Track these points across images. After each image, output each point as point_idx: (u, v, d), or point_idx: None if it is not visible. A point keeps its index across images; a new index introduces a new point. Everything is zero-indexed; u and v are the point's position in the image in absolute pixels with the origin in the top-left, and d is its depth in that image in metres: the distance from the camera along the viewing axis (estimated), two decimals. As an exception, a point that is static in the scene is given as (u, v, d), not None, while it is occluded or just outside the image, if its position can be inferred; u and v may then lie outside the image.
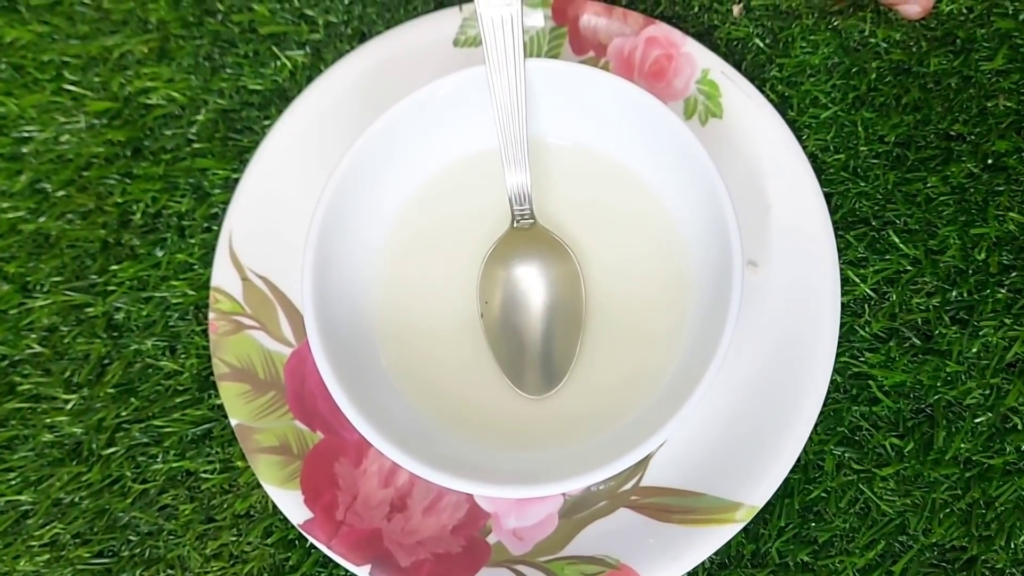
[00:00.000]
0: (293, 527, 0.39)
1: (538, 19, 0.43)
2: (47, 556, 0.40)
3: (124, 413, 0.42)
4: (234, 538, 0.40)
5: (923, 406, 0.39)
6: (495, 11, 0.34)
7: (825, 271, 0.39)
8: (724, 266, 0.35)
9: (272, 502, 0.39)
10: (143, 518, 0.40)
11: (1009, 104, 0.42)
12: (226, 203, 0.43)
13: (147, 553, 0.40)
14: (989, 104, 0.42)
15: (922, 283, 0.40)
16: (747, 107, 0.41)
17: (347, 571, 0.39)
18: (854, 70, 0.43)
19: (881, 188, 0.41)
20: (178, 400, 0.41)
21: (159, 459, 0.41)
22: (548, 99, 0.38)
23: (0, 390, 0.42)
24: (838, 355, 0.39)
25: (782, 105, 0.42)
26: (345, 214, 0.37)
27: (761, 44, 0.44)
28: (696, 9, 0.45)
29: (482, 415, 0.38)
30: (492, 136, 0.37)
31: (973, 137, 0.41)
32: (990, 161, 0.41)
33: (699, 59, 0.42)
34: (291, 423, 0.39)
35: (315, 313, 0.35)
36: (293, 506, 0.38)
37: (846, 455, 0.39)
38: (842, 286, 0.39)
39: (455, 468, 0.34)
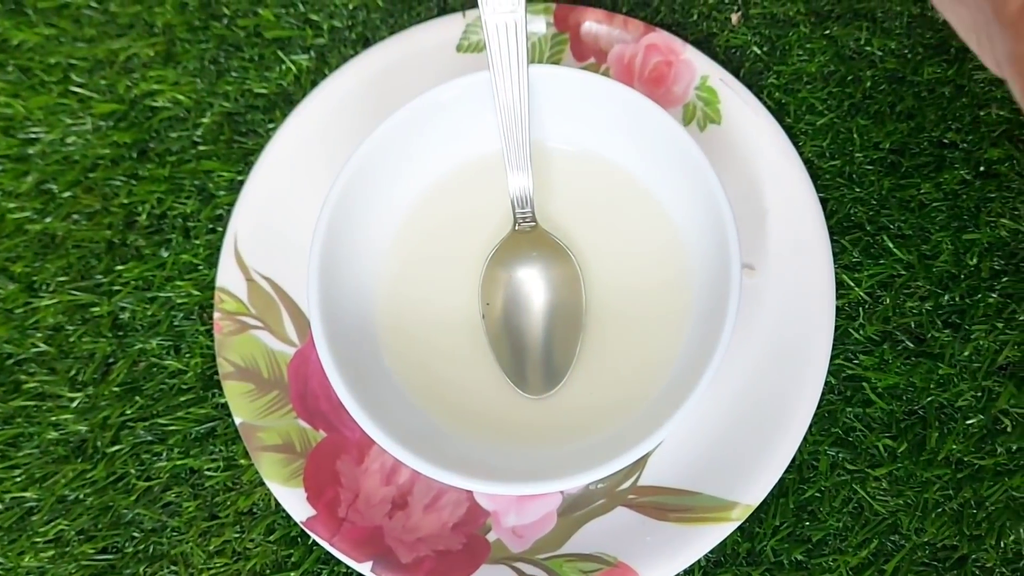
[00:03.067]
0: (295, 524, 0.40)
1: (540, 26, 0.44)
2: (52, 552, 0.41)
3: (129, 411, 0.42)
4: (237, 535, 0.40)
5: (916, 408, 0.40)
6: (499, 18, 0.35)
7: (820, 275, 0.40)
8: (722, 269, 0.35)
9: (275, 499, 0.39)
10: (147, 515, 0.41)
11: (1001, 113, 0.42)
12: (231, 205, 0.43)
13: (151, 550, 0.40)
14: (982, 113, 0.42)
15: (915, 287, 0.41)
16: (745, 113, 0.42)
17: (349, 568, 0.39)
18: (849, 78, 0.44)
19: (875, 194, 0.42)
20: (182, 399, 0.42)
21: (163, 457, 0.41)
22: (550, 104, 0.39)
23: (6, 388, 0.43)
24: (832, 357, 0.40)
25: (779, 112, 0.43)
26: (350, 217, 0.38)
27: (759, 52, 0.45)
28: (695, 17, 0.45)
29: (483, 414, 0.38)
30: (495, 140, 0.38)
31: (966, 145, 0.42)
32: (982, 168, 0.42)
33: (698, 66, 0.43)
34: (294, 422, 0.40)
35: (321, 314, 0.36)
36: (296, 503, 0.38)
37: (840, 455, 0.39)
38: (837, 290, 0.40)
39: (457, 466, 0.34)
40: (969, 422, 0.39)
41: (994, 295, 0.40)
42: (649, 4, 0.46)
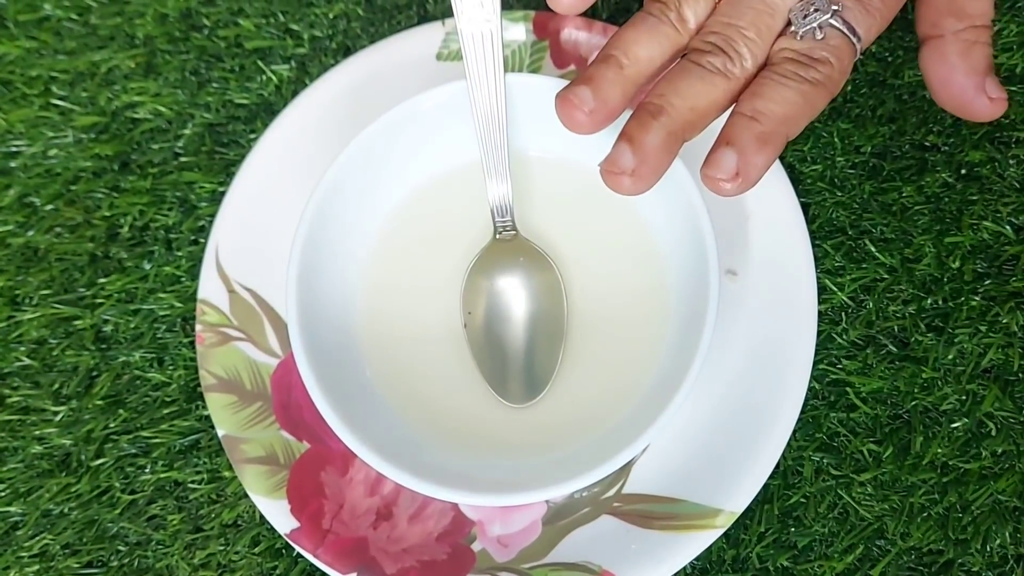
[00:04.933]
0: (280, 536, 0.39)
1: (520, 33, 0.44)
2: (37, 567, 0.40)
3: (112, 424, 0.42)
4: (222, 547, 0.40)
5: (900, 412, 0.40)
6: (475, 26, 0.35)
7: (802, 280, 0.40)
8: (701, 275, 0.35)
9: (259, 512, 0.39)
10: (132, 528, 0.41)
11: (983, 114, 0.42)
12: (213, 216, 0.43)
13: (136, 563, 0.40)
14: (963, 115, 0.42)
15: (898, 291, 0.41)
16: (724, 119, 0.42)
17: (334, 579, 0.39)
18: (831, 82, 0.43)
19: (857, 198, 0.42)
20: (166, 411, 0.42)
21: (147, 470, 0.41)
22: (529, 112, 0.38)
23: (-11, 402, 0.43)
24: (816, 362, 0.40)
25: (760, 116, 0.43)
26: (329, 227, 0.38)
27: (740, 56, 0.44)
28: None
29: (466, 424, 0.38)
30: (474, 149, 0.38)
31: (947, 148, 0.42)
32: (964, 171, 0.42)
33: (678, 72, 0.42)
34: (277, 433, 0.40)
35: (299, 325, 0.36)
36: (280, 516, 0.38)
37: (824, 461, 0.39)
38: (819, 294, 0.40)
39: (439, 477, 0.34)
40: (954, 426, 0.39)
41: (977, 298, 0.40)
42: (628, 11, 0.46)
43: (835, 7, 0.31)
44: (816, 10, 0.31)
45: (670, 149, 0.31)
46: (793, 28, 0.31)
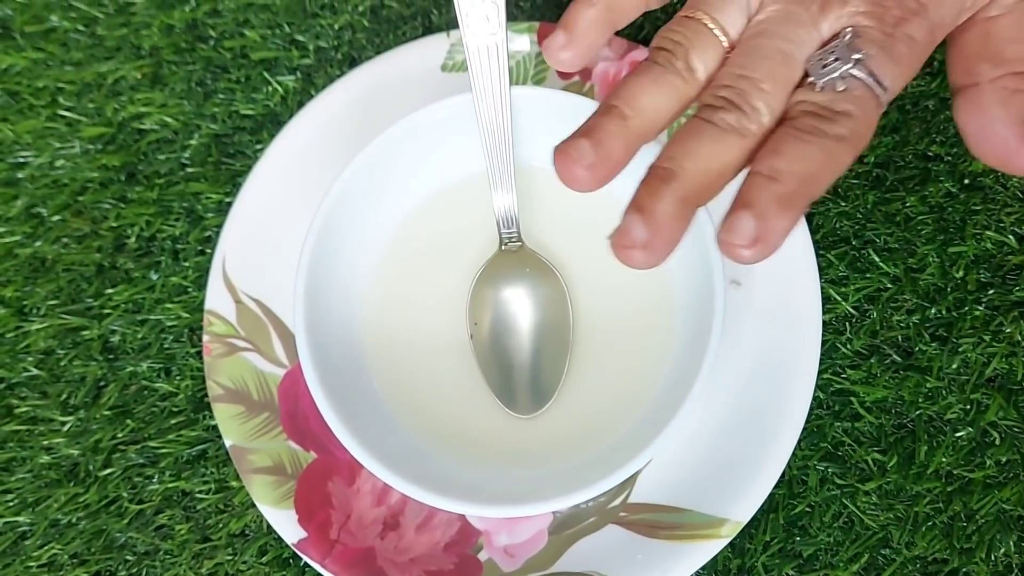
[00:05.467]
0: (288, 546, 0.40)
1: (524, 44, 0.44)
2: (45, 577, 0.41)
3: (120, 434, 0.42)
4: (229, 557, 0.40)
5: (904, 421, 0.40)
6: (481, 39, 0.35)
7: (807, 289, 0.40)
8: (707, 286, 0.35)
9: (267, 522, 0.40)
10: (140, 538, 0.41)
11: (986, 124, 0.42)
12: (219, 227, 0.43)
13: (144, 573, 0.41)
14: (966, 124, 0.43)
15: (902, 301, 0.41)
16: (730, 129, 0.42)
17: (341, 589, 0.39)
18: (834, 92, 0.44)
19: (861, 208, 0.42)
20: (173, 421, 0.42)
21: (155, 480, 0.42)
22: (534, 124, 0.39)
23: (-3, 413, 0.43)
24: (820, 372, 0.40)
25: (764, 126, 0.43)
26: (336, 238, 0.38)
27: (743, 66, 0.45)
28: (679, 32, 0.45)
29: (472, 435, 0.38)
30: (480, 160, 0.38)
31: (950, 158, 0.42)
32: (967, 181, 0.42)
33: (682, 82, 0.43)
34: (285, 443, 0.40)
35: (307, 336, 0.36)
36: (287, 525, 0.39)
37: (829, 470, 0.39)
38: (823, 304, 0.40)
39: (446, 488, 0.34)
40: (958, 435, 0.39)
41: (981, 307, 0.40)
42: (632, 21, 0.46)
43: (856, 56, 0.28)
44: (836, 59, 0.28)
45: (684, 217, 0.28)
46: (812, 79, 0.29)
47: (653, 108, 0.30)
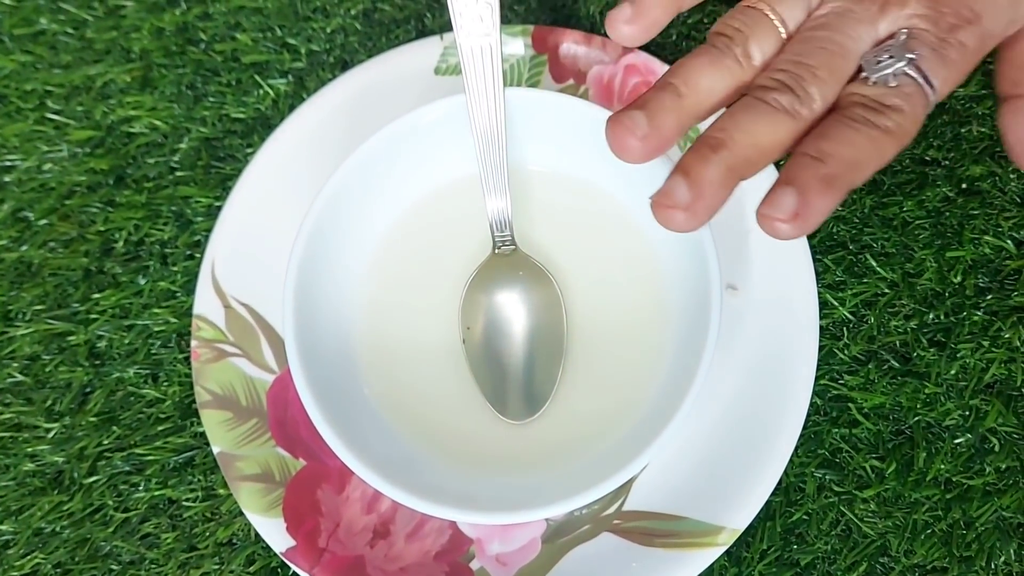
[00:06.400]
0: (276, 555, 0.39)
1: (518, 47, 0.44)
2: (28, 587, 0.40)
3: (106, 441, 0.41)
4: (216, 566, 0.40)
5: (903, 428, 0.39)
6: (474, 41, 0.35)
7: (804, 295, 0.39)
8: (703, 291, 0.35)
9: (255, 530, 0.39)
10: (125, 547, 0.40)
11: (983, 130, 0.42)
12: (208, 231, 0.43)
13: (129, 583, 0.40)
14: (963, 130, 0.42)
15: (900, 306, 0.40)
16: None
17: (330, 599, 0.39)
18: (830, 96, 0.43)
19: (858, 212, 0.42)
20: (160, 428, 0.41)
21: (141, 487, 0.41)
22: (528, 127, 0.38)
23: (-19, 419, 0.42)
24: (818, 378, 0.39)
25: (760, 131, 0.43)
26: (326, 242, 0.37)
27: (739, 71, 0.44)
28: (674, 37, 0.45)
29: (464, 441, 0.38)
30: (473, 163, 0.37)
31: (948, 162, 0.42)
32: (964, 185, 0.42)
33: (677, 86, 0.42)
34: (273, 450, 0.39)
35: (296, 341, 0.35)
36: (275, 534, 0.38)
37: (827, 477, 0.39)
38: (821, 309, 0.40)
39: (437, 495, 0.34)
40: (957, 441, 0.39)
41: (979, 313, 0.40)
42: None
43: (910, 55, 0.29)
44: (891, 57, 0.29)
45: (727, 186, 0.29)
46: (865, 74, 0.30)
47: (708, 89, 0.30)
